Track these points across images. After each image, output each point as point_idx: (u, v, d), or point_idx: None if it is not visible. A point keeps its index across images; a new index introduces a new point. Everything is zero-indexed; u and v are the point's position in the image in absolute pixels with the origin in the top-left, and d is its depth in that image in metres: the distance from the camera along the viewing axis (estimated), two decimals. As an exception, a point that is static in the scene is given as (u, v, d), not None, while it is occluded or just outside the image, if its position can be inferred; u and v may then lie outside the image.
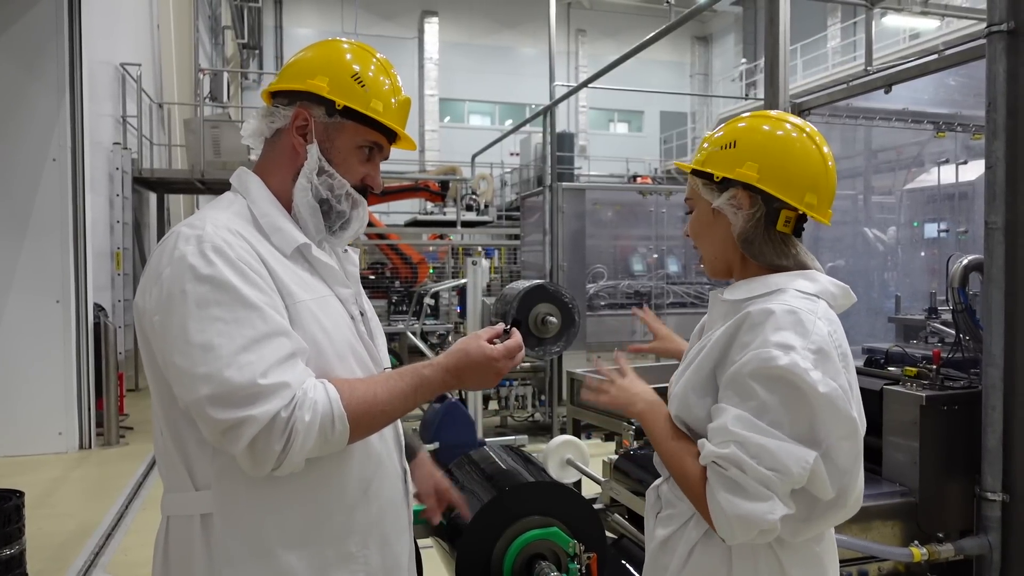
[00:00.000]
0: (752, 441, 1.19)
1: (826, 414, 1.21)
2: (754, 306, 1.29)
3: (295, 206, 1.37)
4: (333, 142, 1.37)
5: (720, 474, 1.22)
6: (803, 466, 1.19)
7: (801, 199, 1.34)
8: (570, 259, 6.70)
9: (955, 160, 3.80)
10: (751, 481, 1.19)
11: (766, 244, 1.35)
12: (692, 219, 1.44)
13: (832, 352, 1.25)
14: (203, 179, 8.94)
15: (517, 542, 2.28)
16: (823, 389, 1.20)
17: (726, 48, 24.69)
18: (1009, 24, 2.30)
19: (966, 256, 2.68)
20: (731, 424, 1.22)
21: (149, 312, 1.23)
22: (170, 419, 1.28)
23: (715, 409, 1.28)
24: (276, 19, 21.96)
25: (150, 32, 10.01)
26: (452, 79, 22.26)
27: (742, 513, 1.19)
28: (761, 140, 1.36)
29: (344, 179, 1.38)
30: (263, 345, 1.17)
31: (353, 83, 1.35)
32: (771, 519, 1.18)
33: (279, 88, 1.38)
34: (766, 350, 1.22)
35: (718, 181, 1.35)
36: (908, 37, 15.77)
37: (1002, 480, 2.37)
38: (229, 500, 1.25)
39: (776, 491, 1.19)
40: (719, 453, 1.22)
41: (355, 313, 1.41)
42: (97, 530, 4.27)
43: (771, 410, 1.21)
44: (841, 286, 1.37)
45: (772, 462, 1.18)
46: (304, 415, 1.17)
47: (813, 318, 1.26)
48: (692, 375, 1.36)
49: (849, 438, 1.24)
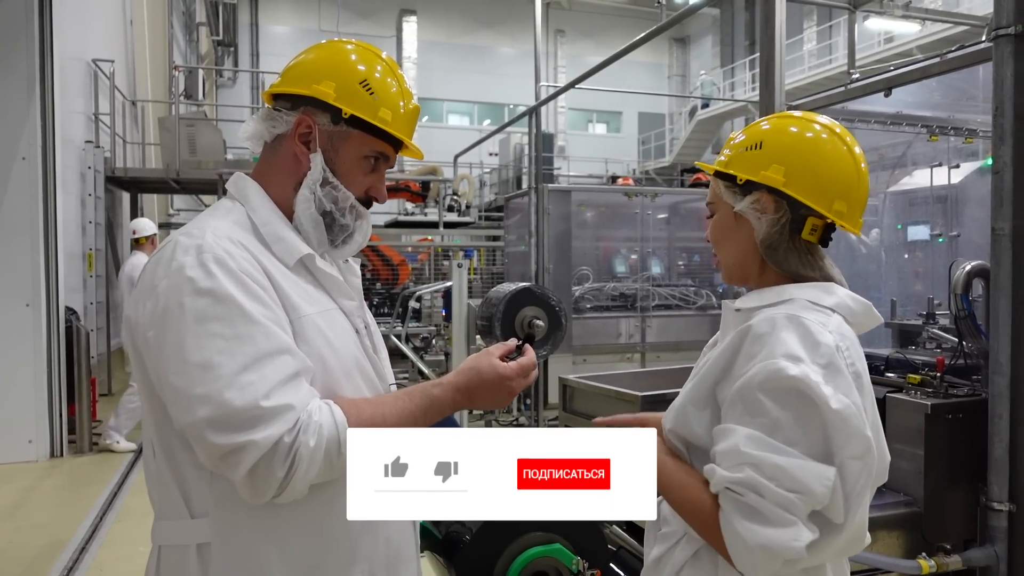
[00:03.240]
0: (768, 462, 1.09)
1: (839, 431, 1.12)
2: (759, 316, 1.22)
3: (296, 217, 1.28)
4: (338, 152, 1.29)
5: (736, 500, 1.11)
6: (825, 484, 1.09)
7: (830, 206, 1.26)
8: (556, 261, 6.63)
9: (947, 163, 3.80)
10: (771, 506, 1.08)
11: (791, 252, 1.27)
12: (713, 223, 1.35)
13: (842, 366, 1.15)
14: (178, 178, 8.76)
15: (519, 560, 2.21)
16: (835, 405, 1.11)
17: (704, 50, 24.86)
18: (1017, 27, 2.26)
19: (969, 262, 2.65)
20: (743, 445, 1.12)
21: (143, 326, 1.15)
22: (164, 441, 1.19)
23: (721, 430, 1.18)
24: (252, 16, 21.69)
25: (123, 28, 9.78)
26: (430, 78, 22.14)
27: (764, 542, 1.08)
28: (788, 142, 1.28)
29: (348, 191, 1.30)
30: (266, 364, 1.10)
31: (361, 90, 1.27)
32: (797, 546, 1.07)
33: (282, 91, 1.29)
34: (774, 361, 1.13)
35: (741, 184, 1.27)
36: (883, 40, 15.97)
37: (1008, 490, 2.34)
38: (228, 529, 1.17)
39: (799, 515, 1.09)
40: (733, 478, 1.11)
41: (360, 326, 1.33)
42: (70, 543, 4.11)
43: (784, 426, 1.12)
44: (863, 303, 1.27)
45: (792, 483, 1.08)
46: (309, 440, 1.09)
47: (821, 329, 1.17)
48: (693, 388, 1.28)
49: (861, 458, 1.13)
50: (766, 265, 1.30)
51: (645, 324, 7.03)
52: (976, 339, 2.62)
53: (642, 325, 7.03)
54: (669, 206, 7.90)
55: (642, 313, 7.07)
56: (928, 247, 4.06)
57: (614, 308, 7.17)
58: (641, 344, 6.99)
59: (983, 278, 2.58)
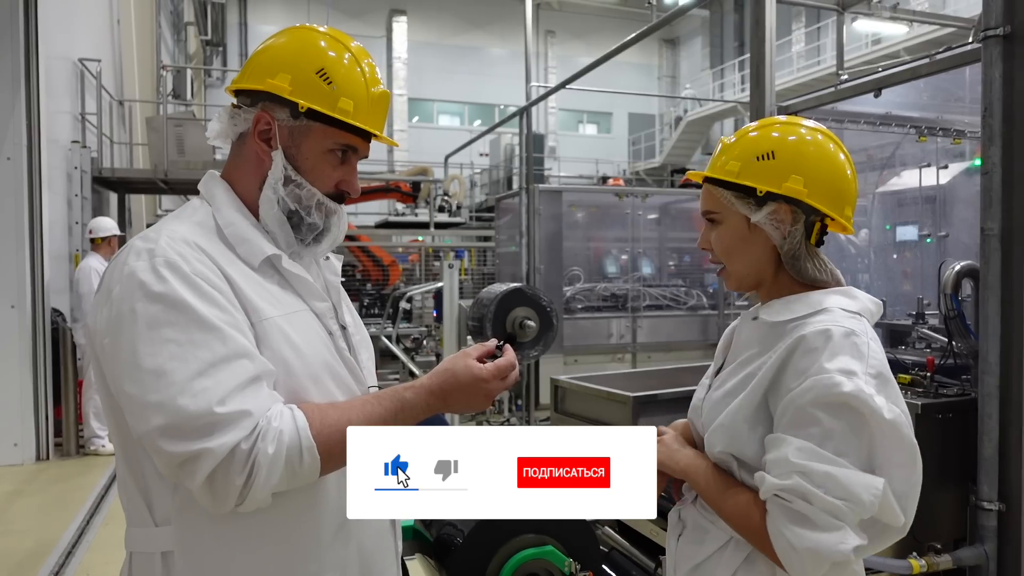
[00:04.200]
0: (817, 471, 1.13)
1: (888, 441, 1.15)
2: (807, 329, 1.22)
3: (262, 217, 1.25)
4: (299, 147, 1.23)
5: (784, 507, 1.14)
6: (874, 494, 1.12)
7: (842, 212, 1.29)
8: (547, 261, 6.63)
9: (936, 164, 3.81)
10: (819, 512, 1.12)
11: (808, 260, 1.30)
12: (723, 235, 1.33)
13: (891, 376, 1.20)
14: (166, 179, 8.68)
15: (511, 561, 2.20)
16: (888, 416, 1.15)
17: (693, 51, 24.94)
18: (1005, 28, 2.27)
19: (958, 262, 2.66)
20: (792, 455, 1.15)
21: (100, 333, 1.12)
22: (126, 449, 1.17)
23: (772, 439, 1.20)
24: (240, 15, 21.59)
25: (110, 27, 9.69)
26: (421, 79, 22.10)
27: (811, 545, 1.11)
28: (802, 151, 1.29)
29: (314, 188, 1.25)
30: (221, 369, 1.06)
31: (319, 81, 1.21)
32: (844, 549, 1.11)
33: (240, 87, 1.24)
34: (828, 376, 1.15)
35: (760, 195, 1.27)
36: (871, 42, 16.07)
37: (998, 489, 2.35)
38: (191, 537, 1.14)
39: (847, 521, 1.12)
40: (782, 485, 1.14)
41: (333, 328, 1.28)
42: (56, 547, 4.05)
43: (835, 438, 1.15)
44: (877, 302, 1.32)
45: (841, 491, 1.12)
46: (267, 447, 1.05)
47: (867, 340, 1.20)
48: (742, 405, 1.27)
49: (907, 465, 1.17)
50: (779, 272, 1.32)
51: (636, 324, 7.04)
52: (965, 339, 2.63)
53: (633, 325, 7.03)
54: (660, 207, 7.92)
55: (633, 313, 7.08)
56: (917, 247, 4.08)
57: (605, 308, 7.18)
58: (632, 344, 7.00)
59: (972, 278, 2.60)
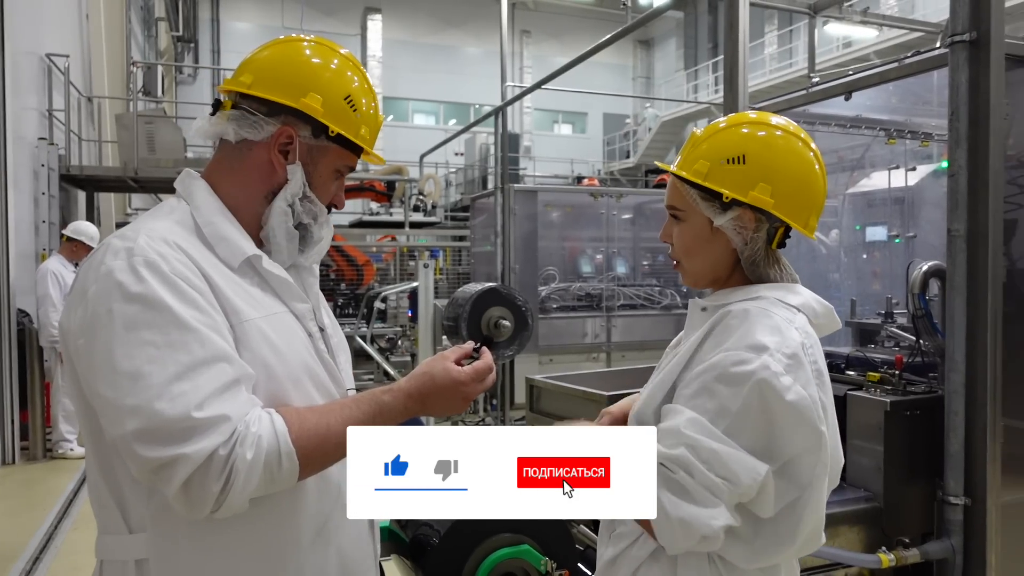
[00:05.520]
0: (704, 445, 1.14)
1: (789, 423, 1.15)
2: (732, 306, 1.24)
3: (270, 229, 1.25)
4: (316, 165, 1.26)
5: (666, 476, 1.14)
6: (754, 477, 1.13)
7: (807, 223, 1.29)
8: (522, 261, 6.64)
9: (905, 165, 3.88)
10: (697, 486, 1.13)
11: (768, 265, 1.31)
12: (684, 232, 1.33)
13: (804, 361, 1.19)
14: (136, 177, 8.54)
15: (487, 561, 2.20)
16: (790, 397, 1.14)
17: (668, 52, 25.11)
18: (971, 34, 2.32)
19: (925, 262, 2.71)
20: (684, 427, 1.16)
21: (74, 334, 1.10)
22: (100, 453, 1.15)
23: (668, 409, 1.21)
24: (213, 12, 21.29)
25: (78, 22, 9.50)
26: (396, 77, 21.99)
27: (684, 516, 1.12)
28: (773, 157, 1.28)
29: (321, 204, 1.28)
30: (200, 372, 1.05)
31: (346, 106, 1.24)
32: (715, 525, 1.12)
33: (259, 95, 1.22)
34: (736, 352, 1.17)
35: (727, 201, 1.26)
36: (842, 45, 16.32)
37: (964, 484, 2.40)
38: (167, 545, 1.12)
39: (723, 499, 1.13)
40: (668, 454, 1.15)
41: (313, 330, 1.28)
42: (24, 554, 3.98)
43: (730, 416, 1.16)
44: (825, 305, 1.31)
45: (722, 469, 1.13)
46: (246, 452, 1.04)
47: (788, 325, 1.21)
48: (663, 380, 1.29)
49: (812, 452, 1.17)
50: (735, 271, 1.32)
51: (610, 324, 7.08)
52: (932, 337, 2.68)
53: (607, 325, 7.07)
54: (634, 207, 7.97)
55: (607, 313, 7.12)
56: (886, 247, 4.15)
57: (580, 308, 7.20)
58: (607, 344, 7.04)
59: (939, 278, 2.65)
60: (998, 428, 2.36)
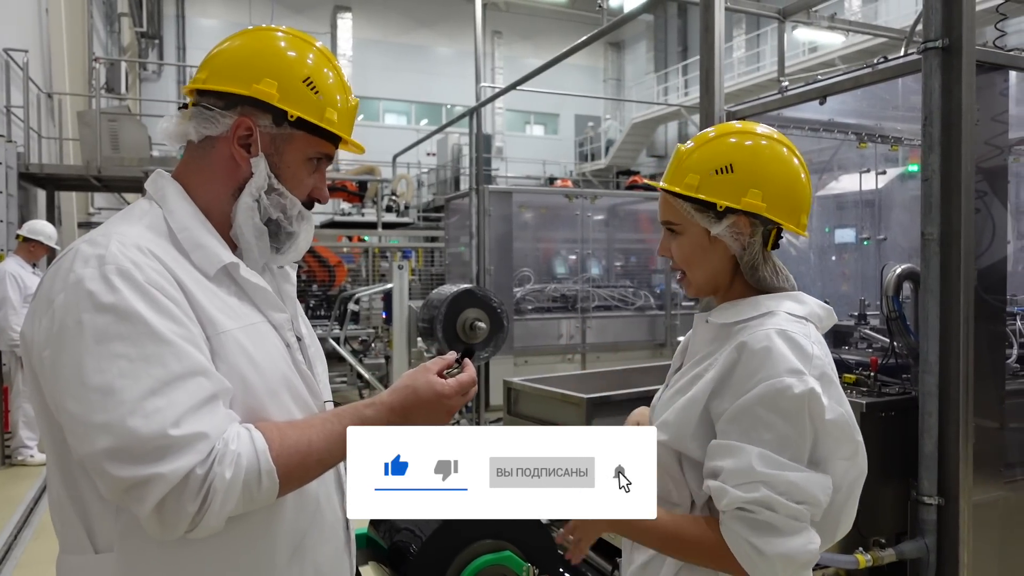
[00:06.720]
0: (780, 479, 1.17)
1: (832, 439, 1.21)
2: (749, 334, 1.25)
3: (237, 227, 1.19)
4: (282, 155, 1.20)
5: (747, 519, 1.18)
6: (826, 492, 1.20)
7: (799, 221, 1.33)
8: (497, 262, 6.62)
9: (875, 169, 3.94)
10: (783, 518, 1.17)
11: (766, 268, 1.33)
12: (683, 245, 1.35)
13: (833, 377, 1.24)
14: (99, 176, 8.34)
15: (469, 568, 2.18)
16: (829, 416, 1.20)
17: (638, 55, 25.29)
18: (944, 41, 2.36)
19: (899, 265, 2.75)
20: (756, 464, 1.18)
21: (38, 345, 1.04)
22: (64, 469, 1.09)
23: (726, 447, 1.22)
24: (178, 8, 20.92)
25: (37, 16, 9.26)
26: (366, 77, 21.80)
27: (784, 552, 1.16)
28: (760, 163, 1.32)
29: (294, 196, 1.22)
30: (176, 388, 1.00)
31: (306, 89, 1.18)
32: (812, 549, 1.18)
33: (214, 88, 1.18)
34: (779, 379, 1.19)
35: (721, 210, 1.29)
36: (808, 50, 16.58)
37: (938, 484, 2.43)
38: (135, 565, 1.07)
39: (807, 521, 1.18)
40: (749, 498, 1.17)
41: (291, 340, 1.24)
42: (-17, 565, 3.87)
43: (791, 442, 1.19)
44: (826, 307, 1.36)
45: (801, 495, 1.18)
46: (224, 471, 1.00)
47: (808, 343, 1.24)
48: (688, 404, 1.30)
49: (851, 459, 1.25)
50: (735, 278, 1.35)
51: (585, 325, 7.09)
52: (906, 339, 2.72)
53: (582, 326, 7.08)
54: (608, 208, 7.99)
55: (582, 314, 7.13)
56: (856, 250, 4.21)
57: (555, 309, 7.21)
58: (582, 345, 7.05)
59: (912, 281, 2.69)
60: (970, 429, 2.40)
